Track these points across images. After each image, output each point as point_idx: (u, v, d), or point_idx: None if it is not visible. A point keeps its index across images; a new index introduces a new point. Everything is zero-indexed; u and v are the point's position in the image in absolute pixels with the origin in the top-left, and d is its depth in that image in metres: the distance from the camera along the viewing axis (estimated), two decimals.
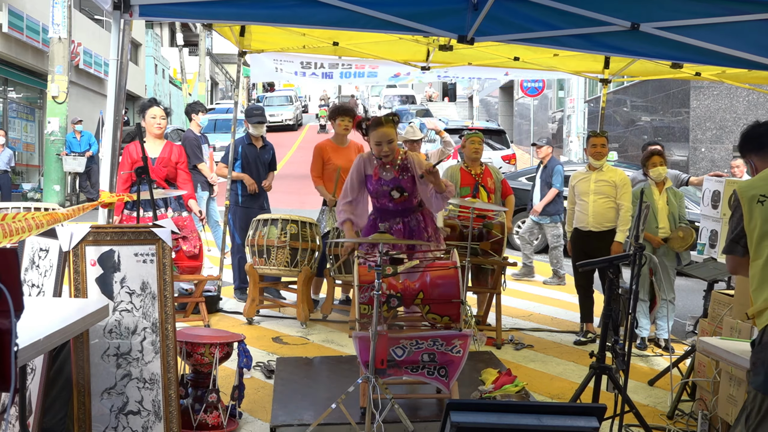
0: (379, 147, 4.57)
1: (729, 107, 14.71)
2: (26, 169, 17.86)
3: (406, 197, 4.68)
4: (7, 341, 1.99)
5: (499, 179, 6.52)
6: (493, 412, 2.75)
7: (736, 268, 3.07)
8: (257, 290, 6.37)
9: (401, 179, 4.66)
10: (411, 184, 4.67)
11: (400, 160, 4.66)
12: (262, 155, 7.03)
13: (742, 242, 2.96)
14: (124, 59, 4.00)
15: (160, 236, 3.65)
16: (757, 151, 3.12)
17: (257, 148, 7.00)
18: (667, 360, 5.53)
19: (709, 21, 4.05)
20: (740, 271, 3.07)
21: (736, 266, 3.06)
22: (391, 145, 4.58)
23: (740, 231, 2.97)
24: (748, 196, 2.94)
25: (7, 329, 2.00)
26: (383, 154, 4.59)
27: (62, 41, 14.85)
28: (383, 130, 4.54)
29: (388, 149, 4.57)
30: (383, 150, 4.57)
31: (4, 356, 1.99)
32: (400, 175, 4.65)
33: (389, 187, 4.66)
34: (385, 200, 4.73)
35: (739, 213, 2.98)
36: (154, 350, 3.58)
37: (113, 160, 4.04)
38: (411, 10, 4.05)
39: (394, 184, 4.66)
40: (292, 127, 35.51)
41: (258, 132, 6.97)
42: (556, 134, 25.19)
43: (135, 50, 27.52)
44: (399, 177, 4.65)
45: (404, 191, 4.66)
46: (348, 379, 4.59)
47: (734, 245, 2.99)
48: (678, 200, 6.19)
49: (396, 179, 4.65)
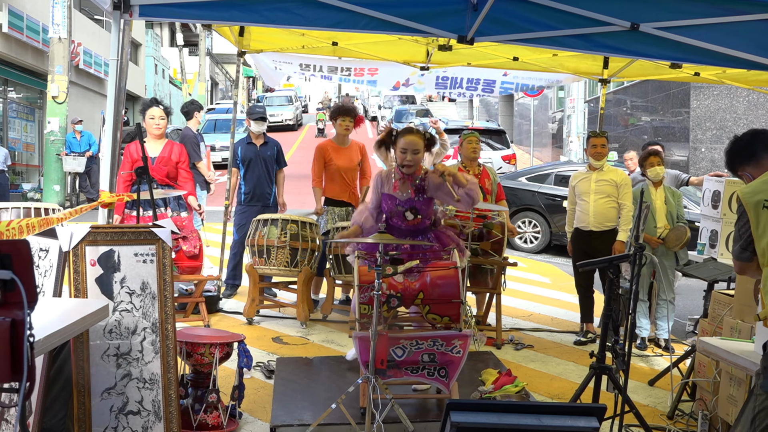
0: (404, 155, 4.47)
1: (729, 107, 14.71)
2: (26, 169, 17.86)
3: (419, 219, 4.57)
4: (21, 332, 2.00)
5: (495, 182, 6.52)
6: (493, 412, 2.75)
7: (744, 270, 3.07)
8: (257, 290, 6.37)
9: (416, 200, 4.54)
10: (426, 206, 4.57)
11: (419, 180, 4.55)
12: (264, 152, 7.00)
13: (750, 248, 2.96)
14: (124, 59, 4.01)
15: (160, 236, 3.65)
16: (749, 162, 3.11)
17: (257, 146, 6.99)
18: (667, 360, 5.53)
19: (709, 21, 4.05)
20: (748, 272, 3.06)
21: (744, 268, 3.06)
22: (417, 156, 4.47)
23: (748, 238, 2.95)
24: (753, 202, 2.93)
25: (21, 320, 2.01)
26: (406, 163, 4.48)
27: (62, 41, 14.85)
28: (412, 138, 4.46)
29: (411, 158, 4.46)
30: (407, 158, 4.46)
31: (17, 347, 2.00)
32: (416, 195, 4.54)
33: (404, 208, 4.55)
34: (398, 220, 4.60)
35: (745, 219, 2.96)
36: (154, 350, 3.58)
37: (113, 160, 4.05)
38: (411, 11, 4.06)
39: (409, 205, 4.55)
40: (292, 127, 35.51)
41: (259, 129, 6.95)
42: (556, 134, 25.18)
43: (135, 50, 27.53)
44: (415, 198, 4.54)
45: (418, 213, 4.55)
46: (348, 379, 4.60)
47: (743, 252, 2.99)
48: (676, 200, 6.19)
49: (411, 200, 4.54)
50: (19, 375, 2.00)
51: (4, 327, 1.99)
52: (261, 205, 6.95)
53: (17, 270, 2.02)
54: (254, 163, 6.95)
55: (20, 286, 2.00)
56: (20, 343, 2.00)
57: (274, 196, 7.08)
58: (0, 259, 2.02)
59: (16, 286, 2.01)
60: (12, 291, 2.02)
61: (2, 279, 2.01)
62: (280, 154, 7.16)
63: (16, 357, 2.00)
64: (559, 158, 22.56)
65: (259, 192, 6.96)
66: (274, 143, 7.16)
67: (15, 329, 2.00)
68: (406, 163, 4.48)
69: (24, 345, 2.00)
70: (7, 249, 2.03)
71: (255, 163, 6.95)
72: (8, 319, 2.00)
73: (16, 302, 2.01)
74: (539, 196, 11.38)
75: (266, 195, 7.01)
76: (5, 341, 1.99)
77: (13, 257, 2.03)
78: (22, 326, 2.01)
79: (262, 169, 6.97)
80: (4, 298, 2.02)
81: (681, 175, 7.54)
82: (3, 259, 2.02)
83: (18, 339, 2.00)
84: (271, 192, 7.06)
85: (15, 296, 2.01)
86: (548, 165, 13.79)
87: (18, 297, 2.01)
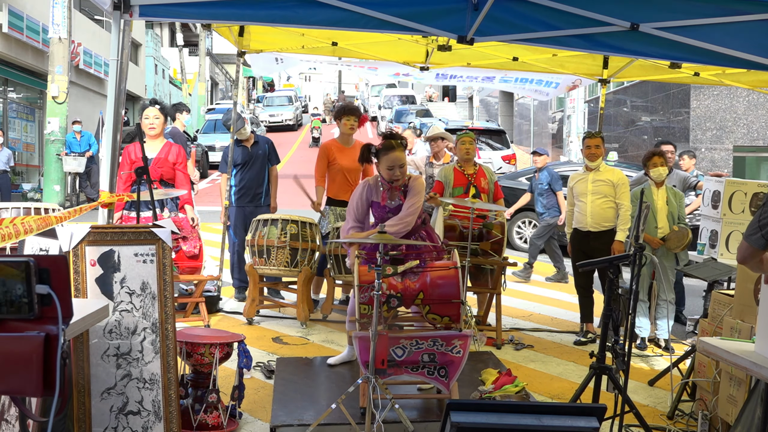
0: (391, 171, 4.51)
1: (729, 107, 14.72)
2: (26, 169, 17.86)
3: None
4: (55, 347, 2.02)
5: (492, 180, 6.52)
6: (493, 412, 2.75)
7: (752, 255, 2.88)
8: (257, 290, 6.37)
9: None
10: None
11: (404, 186, 4.61)
12: (255, 152, 6.99)
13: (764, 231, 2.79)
14: (124, 59, 4.00)
15: (160, 236, 3.65)
16: None
17: (248, 147, 6.99)
18: (667, 360, 5.53)
19: (709, 21, 4.05)
20: (753, 260, 2.91)
21: (753, 254, 2.88)
22: (402, 169, 4.53)
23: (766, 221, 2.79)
24: None
25: (55, 335, 2.02)
26: (395, 178, 4.53)
27: (62, 41, 14.85)
28: (396, 155, 4.49)
29: (399, 173, 4.51)
30: (395, 174, 4.51)
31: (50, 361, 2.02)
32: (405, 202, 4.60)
33: (394, 214, 4.60)
34: None
35: None
36: (154, 350, 3.58)
37: (113, 160, 4.04)
38: (411, 10, 4.05)
39: (399, 211, 4.60)
40: (292, 127, 35.55)
41: (243, 136, 6.95)
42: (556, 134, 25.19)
43: (135, 50, 27.53)
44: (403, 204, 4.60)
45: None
46: (348, 379, 4.60)
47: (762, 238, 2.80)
48: (678, 200, 6.19)
49: (400, 206, 4.60)
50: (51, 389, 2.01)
51: (37, 341, 2.00)
52: (253, 205, 6.94)
53: (54, 285, 2.04)
54: (248, 164, 6.95)
55: (56, 302, 2.02)
56: (53, 358, 2.02)
57: (266, 194, 7.06)
58: (39, 274, 2.03)
59: (53, 300, 2.03)
60: (48, 306, 2.03)
61: (39, 293, 2.03)
62: (272, 152, 7.14)
63: (48, 371, 2.01)
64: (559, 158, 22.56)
65: (250, 192, 6.95)
66: (265, 141, 7.14)
67: (48, 344, 2.02)
68: (395, 178, 4.53)
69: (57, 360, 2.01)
70: (46, 264, 2.05)
71: (248, 164, 6.95)
72: (42, 334, 2.02)
73: (51, 317, 2.03)
74: None
75: (258, 194, 6.99)
76: (38, 355, 2.00)
77: (51, 272, 2.05)
78: (55, 341, 2.02)
79: (256, 168, 6.96)
80: (40, 312, 2.03)
81: (690, 178, 7.41)
82: (42, 273, 2.04)
83: (51, 354, 2.02)
84: (263, 191, 7.03)
85: (51, 311, 2.03)
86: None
87: (53, 312, 2.03)
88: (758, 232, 2.83)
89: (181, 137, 7.80)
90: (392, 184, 4.58)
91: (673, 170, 7.26)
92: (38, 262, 2.03)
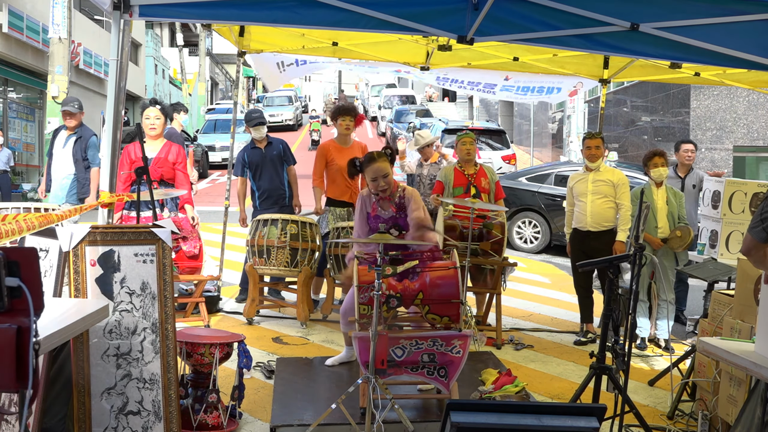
0: (375, 182, 4.53)
1: (729, 107, 14.72)
2: (26, 169, 17.86)
3: (404, 235, 4.61)
4: (27, 339, 2.00)
5: (494, 180, 6.52)
6: (493, 412, 2.75)
7: (757, 248, 2.86)
8: (257, 290, 6.37)
9: (399, 217, 4.61)
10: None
11: (398, 198, 4.61)
12: (269, 153, 6.95)
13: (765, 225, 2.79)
14: (124, 59, 4.00)
15: (160, 236, 3.65)
16: None
17: (262, 149, 6.97)
18: (667, 360, 5.53)
19: (709, 21, 4.04)
20: (752, 253, 2.88)
21: (750, 248, 2.87)
22: (387, 179, 4.53)
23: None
24: None
25: (27, 327, 2.01)
26: (380, 189, 4.55)
27: (62, 41, 14.86)
28: (377, 165, 4.51)
29: (384, 183, 4.53)
30: (380, 185, 4.53)
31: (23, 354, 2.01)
32: (398, 213, 4.61)
33: (387, 226, 4.61)
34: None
35: None
36: (154, 350, 3.58)
37: (113, 160, 4.04)
38: (411, 10, 4.05)
39: (393, 222, 4.61)
40: (292, 127, 35.54)
41: (259, 134, 6.92)
42: (556, 134, 25.19)
43: (135, 50, 27.54)
44: (397, 215, 4.61)
45: (402, 229, 4.60)
46: (348, 379, 4.60)
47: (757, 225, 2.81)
48: (678, 200, 6.19)
49: (394, 217, 4.61)
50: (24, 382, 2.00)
51: (9, 334, 1.99)
52: (278, 206, 6.86)
53: (25, 277, 2.03)
54: (263, 167, 6.88)
55: (27, 294, 2.01)
56: (25, 351, 2.00)
57: (289, 195, 7.00)
58: (8, 266, 2.02)
59: (23, 293, 2.01)
60: (18, 298, 2.02)
61: (9, 286, 2.02)
62: (287, 152, 7.08)
63: (21, 364, 2.00)
64: (559, 158, 22.56)
65: (274, 194, 6.90)
66: (279, 142, 7.09)
67: (21, 336, 2.01)
68: (380, 189, 4.55)
69: (29, 352, 2.00)
70: (15, 256, 2.04)
71: (264, 166, 6.88)
72: (14, 327, 2.01)
73: (22, 309, 2.02)
74: (539, 196, 11.39)
75: (282, 195, 6.94)
76: (11, 348, 1.99)
77: (21, 264, 2.04)
78: (27, 334, 2.01)
79: (272, 170, 6.91)
80: (10, 305, 2.02)
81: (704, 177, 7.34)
82: (11, 266, 2.03)
83: (23, 346, 2.01)
84: (285, 191, 6.96)
85: (21, 303, 2.02)
86: (548, 165, 13.78)
87: (24, 304, 2.02)
88: (760, 225, 2.84)
89: (179, 137, 7.79)
90: (379, 195, 4.60)
91: (693, 169, 7.24)
92: (7, 255, 2.02)
